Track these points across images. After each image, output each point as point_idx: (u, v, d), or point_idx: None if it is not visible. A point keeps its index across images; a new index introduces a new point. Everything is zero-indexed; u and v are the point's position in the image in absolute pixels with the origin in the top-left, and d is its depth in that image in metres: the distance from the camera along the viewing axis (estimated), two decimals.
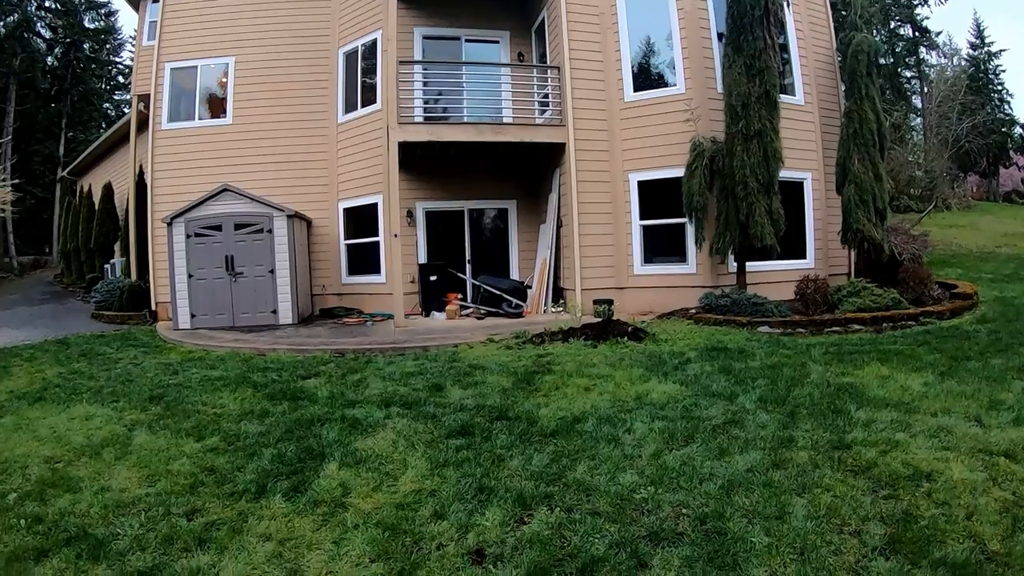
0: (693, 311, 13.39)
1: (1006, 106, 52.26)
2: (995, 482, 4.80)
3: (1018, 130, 53.02)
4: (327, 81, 17.78)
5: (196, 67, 17.66)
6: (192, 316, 14.80)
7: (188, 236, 14.81)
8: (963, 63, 49.89)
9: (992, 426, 5.91)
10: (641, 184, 14.67)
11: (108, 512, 4.85)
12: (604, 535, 4.30)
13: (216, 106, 17.80)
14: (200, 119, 17.71)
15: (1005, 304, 13.33)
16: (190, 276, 14.81)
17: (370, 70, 16.94)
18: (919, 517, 4.35)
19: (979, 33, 52.47)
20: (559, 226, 15.50)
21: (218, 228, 14.97)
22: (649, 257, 14.78)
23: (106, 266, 23.63)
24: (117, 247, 24.27)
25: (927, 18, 50.11)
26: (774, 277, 14.23)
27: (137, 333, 14.52)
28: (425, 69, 16.17)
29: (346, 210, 17.51)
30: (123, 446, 6.26)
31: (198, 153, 17.21)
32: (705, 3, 14.65)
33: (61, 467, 5.81)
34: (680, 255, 14.57)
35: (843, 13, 17.52)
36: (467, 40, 17.21)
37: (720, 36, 14.11)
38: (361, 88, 17.14)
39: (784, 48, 15.17)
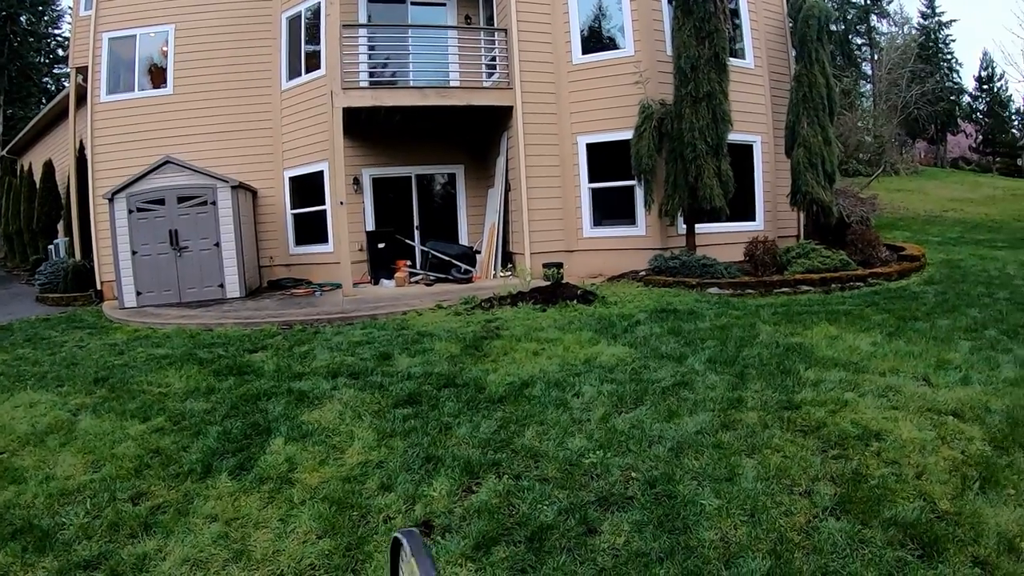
0: (643, 273, 13.49)
1: (955, 75, 53.51)
2: (944, 441, 4.88)
3: (966, 98, 54.17)
4: (270, 47, 17.39)
5: (135, 36, 17.04)
6: (138, 294, 14.43)
7: (130, 211, 14.40)
8: (914, 32, 50.61)
9: (940, 386, 6.02)
10: (590, 147, 14.70)
11: (53, 501, 4.75)
12: (553, 502, 4.31)
13: (157, 76, 17.25)
14: (141, 90, 17.14)
15: (952, 266, 13.65)
16: (134, 253, 14.42)
17: (314, 35, 16.59)
18: (869, 477, 4.41)
19: (930, 3, 53.29)
20: (507, 190, 15.47)
21: (161, 202, 14.56)
22: (598, 220, 14.85)
23: (49, 247, 23.01)
24: (60, 227, 23.69)
25: None
26: (724, 239, 14.38)
27: (83, 314, 14.19)
28: (371, 33, 15.88)
29: (292, 179, 17.27)
30: (68, 432, 6.12)
31: (139, 125, 16.70)
32: None
33: (5, 458, 5.65)
34: (629, 218, 14.64)
35: None
36: (413, 3, 16.97)
37: None
38: (305, 53, 16.81)
39: (735, 13, 15.27)
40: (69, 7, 42.45)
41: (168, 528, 4.26)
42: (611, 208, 14.81)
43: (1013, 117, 50.97)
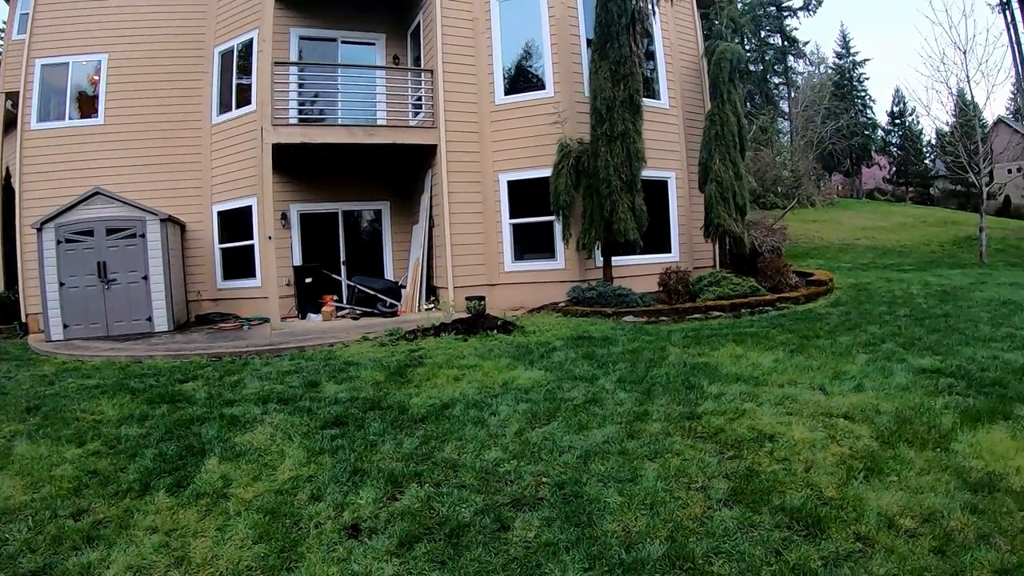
0: (562, 304, 13.94)
1: (869, 111, 55.61)
2: (833, 439, 5.42)
3: (880, 133, 56.34)
4: (202, 81, 17.51)
5: (68, 64, 16.98)
6: (65, 327, 14.28)
7: (58, 242, 14.30)
8: (829, 71, 52.57)
9: (835, 393, 6.64)
10: (511, 184, 15.16)
11: None
12: (470, 504, 4.66)
13: (87, 105, 17.16)
14: (71, 119, 17.04)
15: (859, 289, 14.54)
16: (61, 284, 14.31)
17: (245, 70, 16.81)
18: (761, 472, 4.87)
19: (845, 43, 55.77)
20: (431, 226, 15.80)
21: (90, 233, 14.50)
22: (519, 254, 15.27)
23: None
24: None
25: (796, 29, 52.83)
26: (640, 271, 14.98)
27: (8, 347, 13.95)
28: (301, 70, 16.22)
29: (220, 213, 17.29)
30: (4, 457, 6.19)
31: (69, 155, 16.57)
32: (575, 11, 15.24)
33: None
34: (549, 251, 15.10)
35: (715, 23, 18.42)
36: (343, 42, 17.34)
37: (589, 43, 14.67)
38: (236, 88, 16.98)
39: (651, 55, 16.01)
40: (0, 30, 41.49)
41: (110, 540, 4.42)
42: (531, 243, 15.25)
43: (924, 149, 53.13)
